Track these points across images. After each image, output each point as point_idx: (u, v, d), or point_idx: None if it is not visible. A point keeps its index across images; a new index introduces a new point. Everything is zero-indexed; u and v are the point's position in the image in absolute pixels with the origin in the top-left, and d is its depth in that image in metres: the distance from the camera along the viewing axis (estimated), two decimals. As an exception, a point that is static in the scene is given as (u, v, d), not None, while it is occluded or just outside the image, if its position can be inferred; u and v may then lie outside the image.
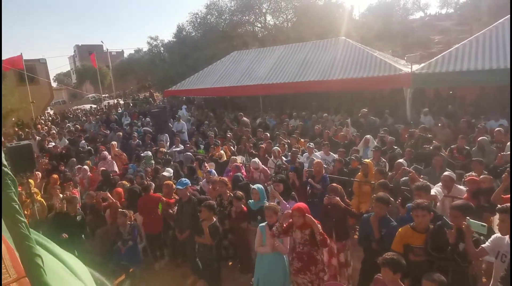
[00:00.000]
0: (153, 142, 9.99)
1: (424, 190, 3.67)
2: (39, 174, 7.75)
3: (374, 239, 3.50)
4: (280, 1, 23.56)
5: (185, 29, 26.08)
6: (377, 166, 5.90)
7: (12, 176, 1.75)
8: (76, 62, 55.15)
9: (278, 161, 6.79)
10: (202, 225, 4.18)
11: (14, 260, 2.72)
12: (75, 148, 10.38)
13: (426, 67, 9.46)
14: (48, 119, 21.27)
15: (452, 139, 7.28)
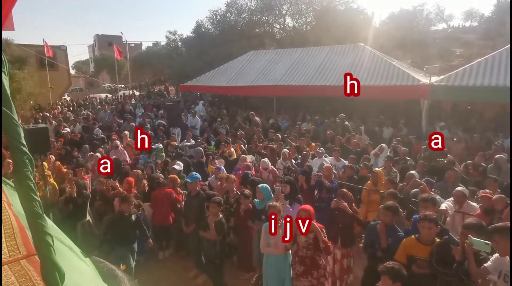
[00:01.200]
0: (165, 135, 10.10)
1: (432, 203, 3.61)
2: (52, 158, 7.93)
3: (380, 247, 3.47)
4: (301, 3, 23.51)
5: (204, 26, 26.26)
6: (387, 175, 5.84)
7: (30, 156, 1.78)
8: (95, 51, 56.16)
9: (287, 163, 6.78)
10: (208, 221, 4.21)
11: (25, 238, 2.80)
12: (89, 135, 10.59)
13: (445, 80, 9.30)
14: (64, 105, 21.73)
15: (467, 154, 7.14)
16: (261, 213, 4.49)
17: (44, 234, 1.85)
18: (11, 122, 1.66)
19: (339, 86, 11.19)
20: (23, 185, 1.76)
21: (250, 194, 4.63)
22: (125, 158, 8.13)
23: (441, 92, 9.18)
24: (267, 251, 3.83)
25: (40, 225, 1.83)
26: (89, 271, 2.49)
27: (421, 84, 9.61)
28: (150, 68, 38.53)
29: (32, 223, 1.80)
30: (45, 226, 1.86)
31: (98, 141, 9.77)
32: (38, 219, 1.82)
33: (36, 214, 1.82)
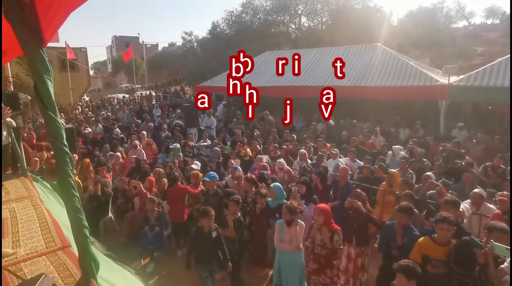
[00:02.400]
0: (182, 135, 10.33)
1: (453, 205, 3.61)
2: (75, 157, 8.27)
3: (395, 246, 3.52)
4: (316, 3, 23.45)
5: (220, 26, 26.58)
6: (403, 177, 5.83)
7: (70, 155, 1.96)
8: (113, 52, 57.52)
9: (303, 163, 6.86)
10: (227, 219, 4.35)
11: (59, 231, 3.02)
12: (109, 135, 10.94)
13: (464, 80, 9.13)
14: (84, 105, 22.44)
15: (486, 156, 7.01)
16: (275, 212, 4.60)
17: (82, 226, 2.04)
18: (55, 124, 1.84)
19: (355, 86, 11.17)
20: (65, 182, 1.95)
21: (266, 193, 4.75)
22: (143, 157, 8.39)
23: (460, 93, 9.02)
24: (280, 247, 3.93)
25: (79, 219, 2.02)
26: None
27: (439, 85, 9.47)
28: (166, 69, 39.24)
29: (72, 216, 1.99)
30: (83, 220, 2.05)
31: (117, 141, 10.09)
32: (77, 213, 2.02)
33: (76, 208, 2.01)
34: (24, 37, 1.63)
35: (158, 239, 5.21)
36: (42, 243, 2.76)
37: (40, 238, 2.86)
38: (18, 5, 1.57)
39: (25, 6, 1.59)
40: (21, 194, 4.02)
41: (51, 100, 1.81)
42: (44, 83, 1.75)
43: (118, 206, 6.66)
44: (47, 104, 1.79)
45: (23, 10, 1.59)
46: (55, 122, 1.83)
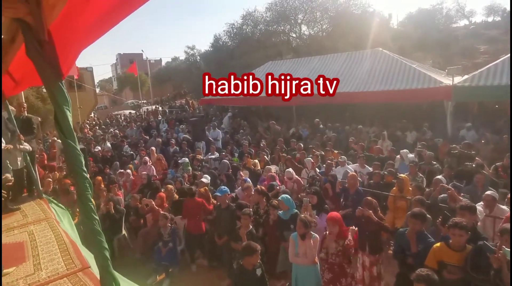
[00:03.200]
0: (190, 149, 10.44)
1: (469, 211, 3.57)
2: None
3: (410, 253, 3.50)
4: (316, 11, 23.67)
5: (222, 39, 26.95)
6: (413, 181, 5.81)
7: (89, 180, 2.04)
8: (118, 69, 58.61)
9: (311, 172, 6.88)
10: (240, 233, 4.38)
11: (78, 252, 3.10)
12: (118, 152, 11.11)
13: (469, 80, 9.11)
14: (92, 124, 22.80)
15: (496, 156, 6.95)
16: (289, 223, 4.61)
17: (103, 248, 2.11)
18: (75, 152, 1.93)
19: (358, 92, 11.21)
20: (85, 206, 2.03)
21: (278, 205, 4.78)
22: (153, 173, 8.49)
23: (466, 93, 8.99)
24: (296, 261, 3.93)
25: (99, 241, 2.10)
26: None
27: (443, 86, 9.46)
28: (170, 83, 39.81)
29: (93, 239, 2.06)
30: (103, 242, 2.12)
31: (127, 158, 10.23)
32: (98, 235, 2.09)
33: (96, 231, 2.08)
34: (44, 72, 1.73)
35: (172, 255, 5.26)
36: (63, 265, 2.83)
37: (60, 260, 2.93)
38: (39, 44, 1.68)
39: (45, 44, 1.70)
40: (38, 216, 4.12)
41: (70, 128, 1.91)
42: (63, 113, 1.85)
43: (130, 223, 6.73)
44: (67, 133, 1.89)
45: (43, 47, 1.70)
46: (75, 149, 1.92)
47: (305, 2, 23.48)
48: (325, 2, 23.28)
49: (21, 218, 4.04)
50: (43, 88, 15.44)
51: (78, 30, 1.84)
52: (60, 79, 1.79)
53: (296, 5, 23.65)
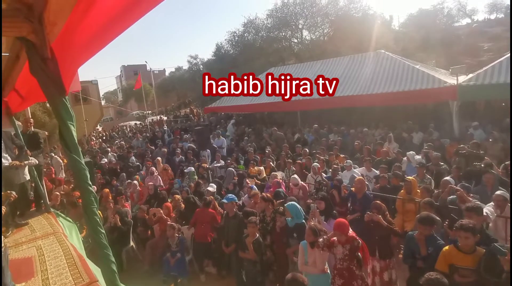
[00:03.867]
0: (195, 158, 10.47)
1: (475, 212, 3.52)
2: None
3: (420, 256, 3.44)
4: (316, 16, 23.82)
5: (224, 47, 27.23)
6: (421, 183, 5.73)
7: (95, 194, 2.05)
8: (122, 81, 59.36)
9: (317, 177, 6.83)
10: (246, 242, 4.36)
11: (85, 266, 3.10)
12: (125, 163, 11.18)
13: (474, 79, 9.02)
14: (98, 136, 23.04)
15: (505, 155, 6.84)
16: (293, 231, 4.56)
17: (110, 262, 2.11)
18: (80, 166, 1.95)
19: (362, 95, 11.18)
20: (91, 220, 2.04)
21: (284, 212, 4.74)
22: (160, 183, 8.52)
23: (471, 92, 8.89)
24: (305, 270, 3.88)
25: (106, 255, 2.10)
26: None
27: (448, 86, 9.39)
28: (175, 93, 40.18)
29: (100, 252, 2.06)
30: (110, 256, 2.12)
31: (133, 169, 10.29)
32: (104, 249, 2.09)
33: (103, 245, 2.08)
34: (48, 88, 1.76)
35: (181, 265, 5.23)
36: (71, 280, 2.83)
37: (68, 274, 2.93)
38: (42, 61, 1.71)
39: (48, 61, 1.73)
40: (46, 230, 4.14)
41: (75, 143, 1.92)
42: (68, 128, 1.87)
43: (138, 234, 6.74)
44: (71, 147, 1.90)
45: (46, 65, 1.73)
46: (80, 164, 1.93)
47: (305, 8, 23.66)
48: (325, 6, 23.45)
49: (29, 233, 4.06)
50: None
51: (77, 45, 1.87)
52: (63, 95, 1.82)
53: (296, 10, 23.84)
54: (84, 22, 1.58)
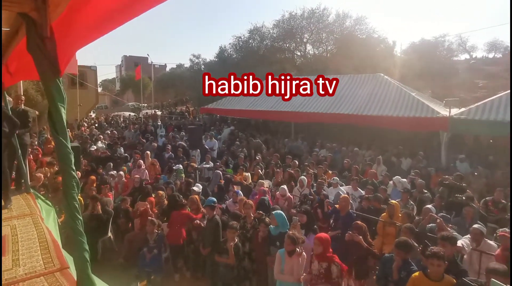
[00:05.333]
0: (185, 156, 10.41)
1: (449, 242, 3.59)
2: (79, 174, 8.32)
3: (393, 280, 3.48)
4: (322, 32, 24.18)
5: (227, 51, 27.35)
6: (404, 208, 5.80)
7: (77, 179, 2.03)
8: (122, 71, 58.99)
9: (303, 190, 6.85)
10: (227, 246, 4.33)
11: (58, 252, 3.03)
12: (112, 153, 11.04)
13: (466, 113, 9.24)
14: (91, 123, 22.76)
15: (487, 190, 6.99)
16: (276, 240, 4.57)
17: (83, 250, 2.08)
18: (65, 150, 1.93)
19: (357, 115, 11.33)
20: (70, 205, 2.01)
21: (269, 222, 4.73)
22: (146, 177, 8.44)
23: (462, 125, 9.10)
24: (280, 278, 3.87)
25: (80, 242, 2.07)
26: None
27: (440, 117, 9.58)
28: (173, 89, 40.07)
29: (74, 239, 2.03)
30: (84, 243, 2.09)
31: (120, 160, 10.17)
32: (79, 236, 2.06)
33: (78, 231, 2.05)
34: (43, 67, 1.75)
35: (156, 262, 5.15)
36: (41, 263, 2.76)
37: (39, 258, 2.87)
38: (41, 39, 1.70)
39: (47, 40, 1.72)
40: (23, 211, 4.05)
41: (63, 126, 1.91)
42: (58, 110, 1.85)
43: (118, 225, 6.64)
44: (59, 130, 1.89)
45: (44, 43, 1.72)
46: (65, 148, 1.91)
47: (312, 23, 23.99)
48: (332, 24, 23.80)
49: (6, 211, 3.97)
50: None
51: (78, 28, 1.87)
52: (57, 76, 1.81)
53: (303, 24, 24.16)
54: (88, 6, 1.58)
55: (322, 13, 23.85)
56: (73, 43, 2.07)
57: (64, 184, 1.95)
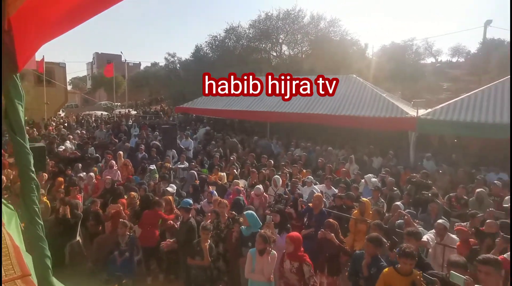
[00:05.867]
0: (159, 156, 10.20)
1: (414, 237, 3.77)
2: (45, 175, 7.93)
3: (363, 276, 3.59)
4: (297, 33, 24.50)
5: (203, 50, 27.07)
6: (375, 205, 6.00)
7: (37, 182, 1.94)
8: (94, 68, 56.86)
9: (278, 189, 6.91)
10: (202, 246, 4.28)
11: (19, 258, 2.86)
12: (83, 153, 10.62)
13: (431, 114, 9.69)
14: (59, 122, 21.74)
15: (451, 187, 7.38)
16: (248, 240, 4.57)
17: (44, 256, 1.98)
18: (24, 150, 1.83)
19: (331, 115, 11.59)
20: (29, 209, 1.91)
21: (242, 223, 4.73)
22: (118, 178, 8.18)
23: (428, 125, 9.54)
24: (251, 277, 3.89)
25: (41, 248, 1.97)
26: None
27: (408, 117, 10.00)
28: (148, 88, 39.14)
29: (34, 245, 1.93)
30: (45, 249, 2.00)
31: (91, 160, 9.80)
32: (39, 241, 1.97)
33: (38, 237, 1.96)
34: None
35: (128, 265, 5.01)
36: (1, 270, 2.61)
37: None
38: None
39: (4, 34, 1.63)
40: (-19, 215, 3.81)
41: (21, 125, 1.81)
42: (15, 108, 1.76)
43: (88, 228, 6.39)
44: (17, 130, 1.79)
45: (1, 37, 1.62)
46: (24, 148, 1.82)
47: (287, 24, 24.24)
48: (307, 25, 24.17)
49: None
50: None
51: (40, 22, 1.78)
52: (15, 72, 1.71)
53: (278, 25, 24.36)
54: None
55: (297, 14, 24.17)
56: (35, 38, 1.96)
57: (23, 187, 1.85)
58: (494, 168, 8.37)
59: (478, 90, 10.13)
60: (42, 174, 7.64)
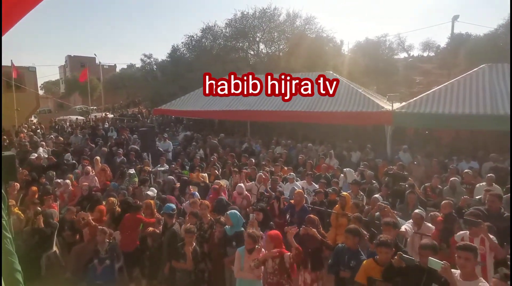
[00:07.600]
0: (138, 160, 9.98)
1: (393, 226, 3.90)
2: (17, 185, 7.59)
3: (344, 268, 3.68)
4: (273, 31, 24.58)
5: (180, 50, 26.67)
6: (355, 199, 6.13)
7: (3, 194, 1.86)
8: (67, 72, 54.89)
9: (261, 187, 6.94)
10: (185, 250, 4.23)
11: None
12: (59, 160, 10.25)
13: (406, 107, 10.01)
14: (31, 128, 20.84)
15: (426, 177, 7.65)
16: (232, 240, 4.57)
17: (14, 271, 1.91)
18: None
19: (309, 112, 11.74)
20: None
21: (225, 222, 4.72)
22: (95, 184, 7.96)
23: (403, 119, 9.86)
24: (241, 276, 3.89)
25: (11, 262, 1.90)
26: None
27: (384, 111, 10.28)
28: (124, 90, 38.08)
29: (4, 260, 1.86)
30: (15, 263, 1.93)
31: (67, 167, 9.48)
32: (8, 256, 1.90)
33: (7, 251, 1.88)
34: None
35: (109, 273, 4.90)
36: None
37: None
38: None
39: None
40: None
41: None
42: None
43: (64, 238, 6.18)
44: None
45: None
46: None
47: (264, 22, 24.27)
48: (283, 23, 24.29)
49: None
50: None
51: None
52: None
53: (255, 23, 24.34)
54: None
55: (273, 12, 24.24)
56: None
57: (-12, 199, 1.78)
58: (465, 157, 8.75)
59: (448, 83, 10.57)
60: (14, 184, 7.31)
